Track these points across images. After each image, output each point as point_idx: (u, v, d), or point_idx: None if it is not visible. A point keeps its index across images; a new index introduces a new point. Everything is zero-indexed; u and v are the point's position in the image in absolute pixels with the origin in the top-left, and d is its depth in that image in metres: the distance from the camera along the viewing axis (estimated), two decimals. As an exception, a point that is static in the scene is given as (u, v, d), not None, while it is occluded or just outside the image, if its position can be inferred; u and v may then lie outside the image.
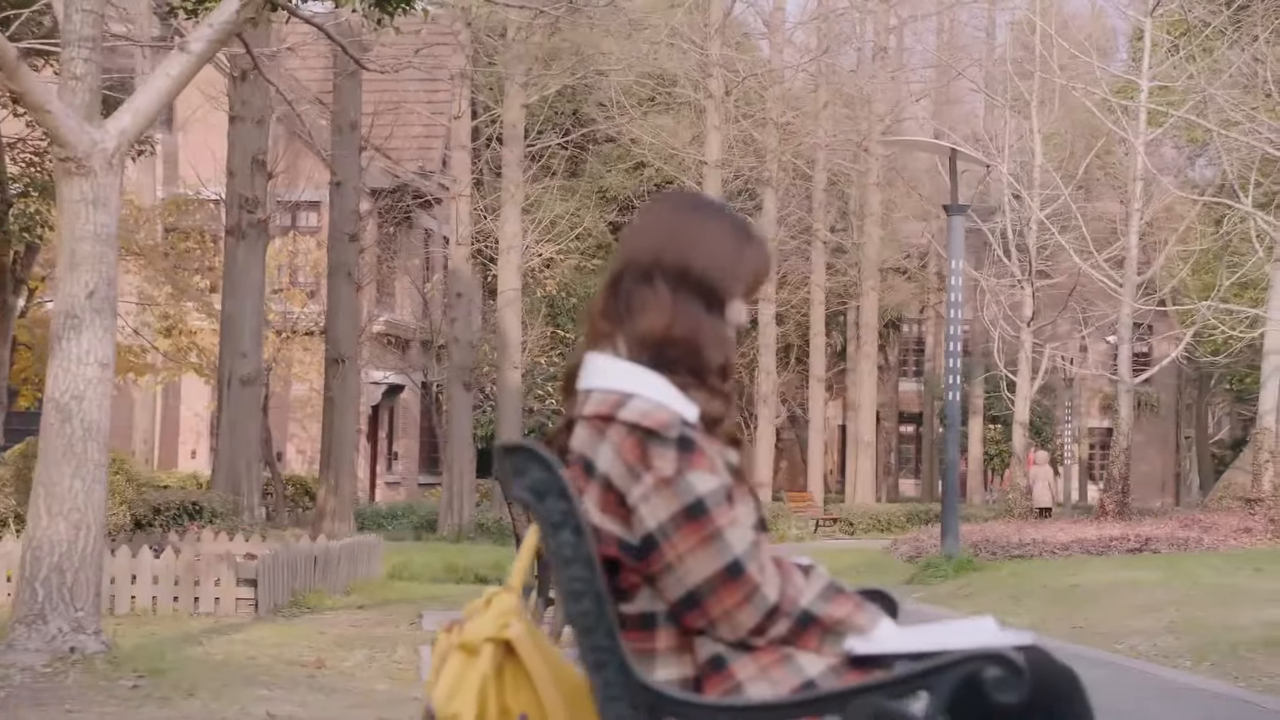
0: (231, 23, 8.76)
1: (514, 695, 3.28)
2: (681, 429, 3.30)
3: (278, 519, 29.05)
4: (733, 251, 3.54)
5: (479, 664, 3.33)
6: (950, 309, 19.59)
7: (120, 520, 14.97)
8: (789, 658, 3.30)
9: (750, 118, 45.32)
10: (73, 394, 8.50)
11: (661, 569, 3.27)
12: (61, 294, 8.53)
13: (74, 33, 8.55)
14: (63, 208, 8.52)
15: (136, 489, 15.07)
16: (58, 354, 8.51)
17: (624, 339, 3.43)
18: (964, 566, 19.28)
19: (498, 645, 3.26)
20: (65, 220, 8.53)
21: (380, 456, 43.72)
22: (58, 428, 8.50)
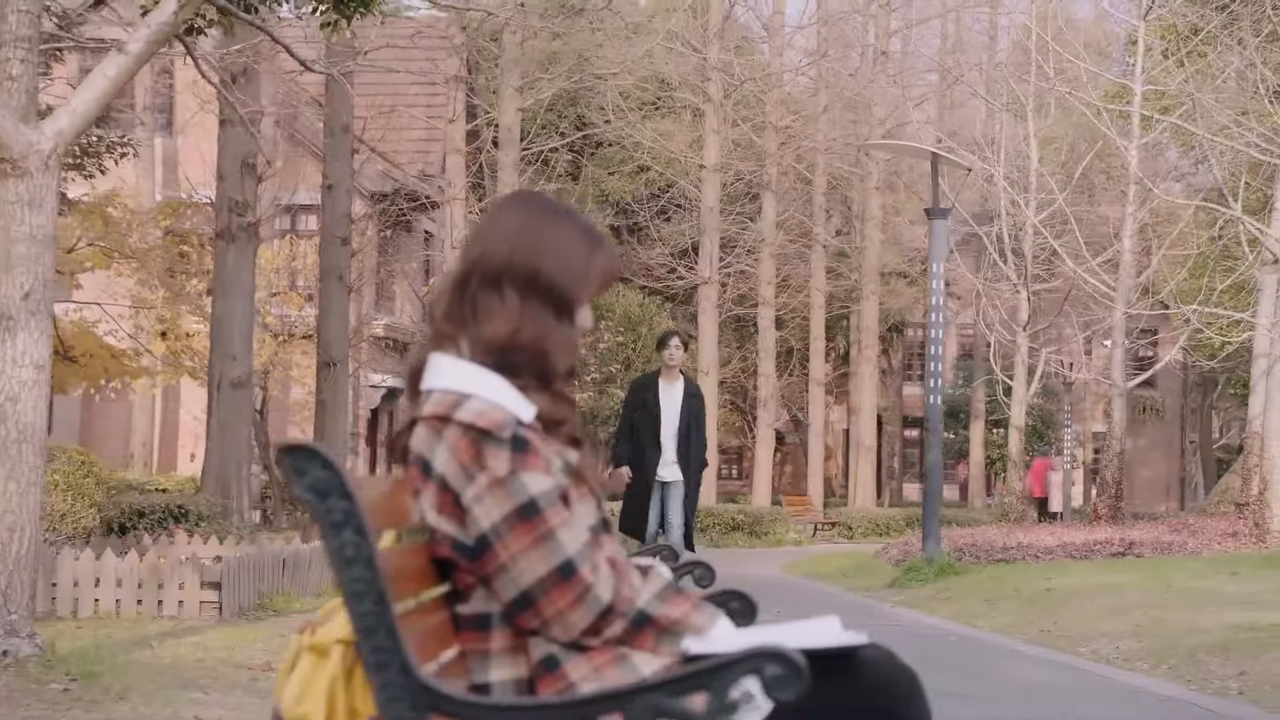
0: (169, 24, 8.74)
1: (363, 698, 3.28)
2: (516, 429, 3.29)
3: (276, 522, 29.02)
4: (582, 258, 3.53)
5: (328, 666, 3.33)
6: (932, 313, 19.54)
7: (89, 523, 14.95)
8: (624, 658, 3.29)
9: (750, 121, 45.27)
10: (7, 396, 8.48)
11: (495, 569, 3.26)
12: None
13: (9, 33, 8.54)
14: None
15: (106, 491, 15.02)
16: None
17: (468, 341, 3.42)
18: (945, 570, 19.25)
19: (348, 647, 3.26)
20: (1, 222, 8.50)
21: (380, 459, 43.71)
22: (-9, 431, 8.47)
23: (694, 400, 15.58)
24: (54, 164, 8.55)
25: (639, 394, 15.63)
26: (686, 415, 15.42)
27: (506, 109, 33.13)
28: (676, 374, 15.61)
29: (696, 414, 15.55)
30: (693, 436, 15.47)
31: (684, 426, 15.37)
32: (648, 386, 15.64)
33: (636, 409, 15.52)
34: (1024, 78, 36.06)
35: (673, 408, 15.40)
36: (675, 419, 15.38)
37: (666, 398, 15.43)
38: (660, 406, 15.38)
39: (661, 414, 15.35)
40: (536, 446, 3.31)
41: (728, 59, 42.96)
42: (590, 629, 3.28)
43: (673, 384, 15.51)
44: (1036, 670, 11.00)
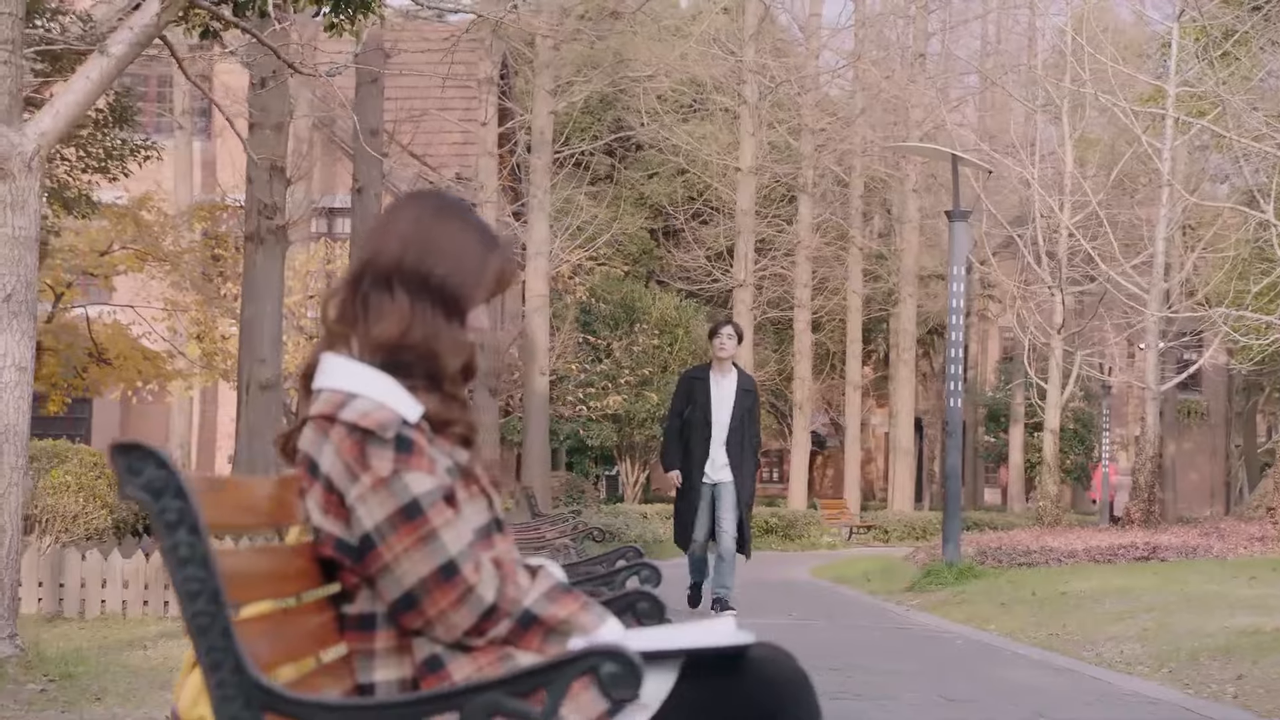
0: (152, 26, 8.78)
1: None
2: (400, 429, 3.28)
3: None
4: (476, 259, 3.53)
5: None
6: (952, 315, 19.49)
7: (101, 524, 15.02)
8: (508, 658, 3.30)
9: (786, 124, 45.20)
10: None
11: (379, 570, 3.27)
12: (-22, 298, 8.55)
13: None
14: (-20, 211, 8.53)
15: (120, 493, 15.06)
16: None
17: (358, 341, 3.42)
18: (965, 574, 19.18)
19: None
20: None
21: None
22: (-28, 431, 8.51)
23: (747, 395, 14.70)
24: (36, 166, 8.60)
25: (688, 388, 14.75)
26: (739, 411, 14.55)
27: (539, 111, 33.16)
28: (729, 366, 14.71)
29: (750, 410, 14.70)
30: (745, 434, 14.57)
31: (736, 423, 14.51)
32: (697, 380, 14.77)
33: (685, 405, 14.68)
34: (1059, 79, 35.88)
35: (724, 403, 14.53)
36: (727, 415, 14.51)
37: (718, 392, 14.56)
38: (711, 402, 14.52)
39: (712, 410, 14.50)
40: (421, 446, 3.30)
41: (764, 61, 42.90)
42: (474, 629, 3.29)
43: (724, 377, 14.65)
44: (1031, 673, 10.94)
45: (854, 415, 48.45)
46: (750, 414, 14.66)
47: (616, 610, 4.19)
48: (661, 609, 4.12)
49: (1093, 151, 42.05)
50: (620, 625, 3.51)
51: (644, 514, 35.06)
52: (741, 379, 14.75)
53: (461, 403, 3.53)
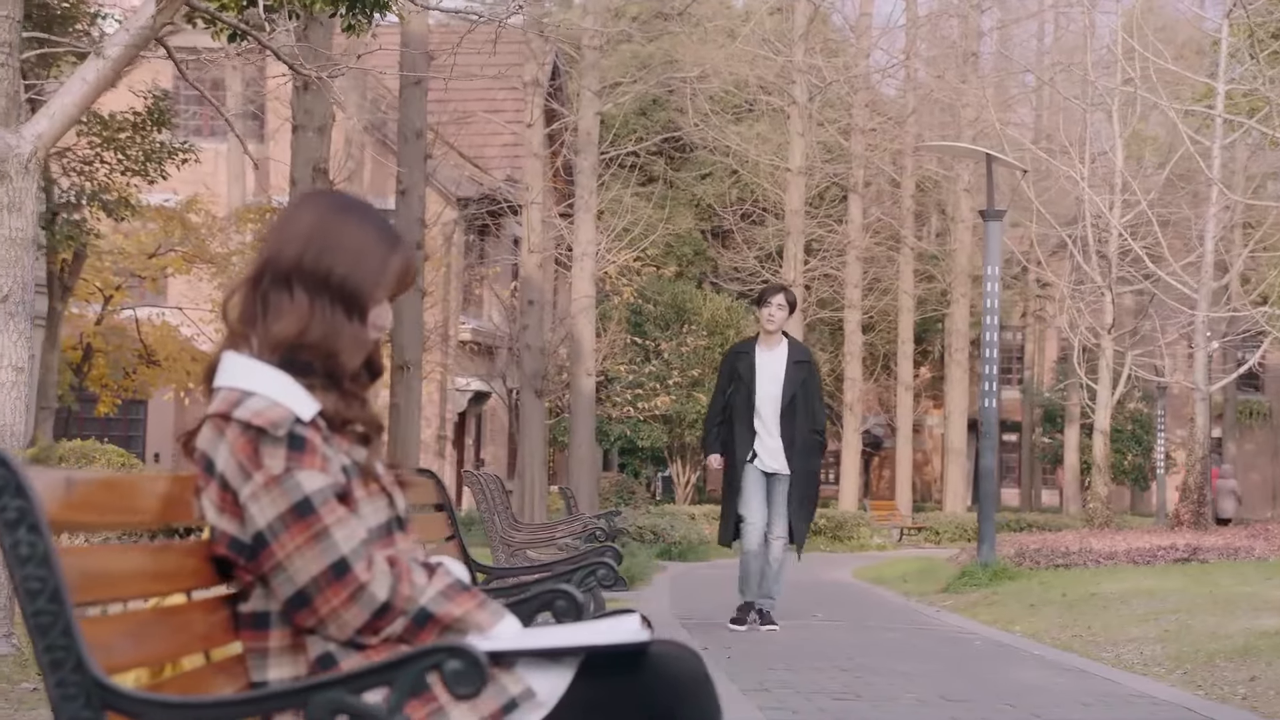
0: (148, 28, 8.84)
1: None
2: (293, 427, 3.31)
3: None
4: (377, 258, 3.53)
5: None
6: (987, 315, 19.39)
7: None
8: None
9: (836, 124, 45.10)
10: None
11: (272, 568, 3.29)
12: (-24, 298, 8.62)
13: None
14: (-22, 212, 8.60)
15: (148, 493, 15.19)
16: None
17: (257, 340, 3.44)
18: (999, 575, 19.11)
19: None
20: (-20, 225, 8.61)
21: (467, 462, 43.89)
22: (-31, 431, 8.58)
23: (801, 368, 12.98)
24: (34, 167, 8.66)
25: (731, 365, 13.14)
26: (791, 388, 12.83)
27: (585, 113, 33.18)
28: (778, 338, 13.07)
29: (806, 385, 12.93)
30: (799, 414, 12.83)
31: (788, 402, 12.80)
32: (741, 355, 13.13)
33: (730, 383, 13.08)
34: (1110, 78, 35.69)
35: (773, 379, 12.86)
36: (777, 392, 12.82)
37: (765, 367, 12.92)
38: (756, 378, 12.89)
39: (758, 387, 12.87)
40: (314, 444, 3.32)
41: (813, 62, 42.83)
42: (367, 627, 3.30)
43: (773, 350, 13.02)
44: (1041, 674, 10.88)
45: (905, 416, 48.33)
46: (806, 389, 12.91)
47: (535, 608, 4.19)
48: (580, 607, 4.12)
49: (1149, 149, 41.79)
50: (517, 622, 3.51)
51: (692, 515, 35.07)
52: (793, 349, 13.08)
53: (361, 401, 3.57)
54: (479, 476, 10.25)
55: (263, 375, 3.37)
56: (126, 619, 3.16)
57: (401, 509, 3.58)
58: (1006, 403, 62.83)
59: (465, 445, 44.00)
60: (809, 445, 12.98)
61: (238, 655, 3.44)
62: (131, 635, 3.09)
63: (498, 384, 40.32)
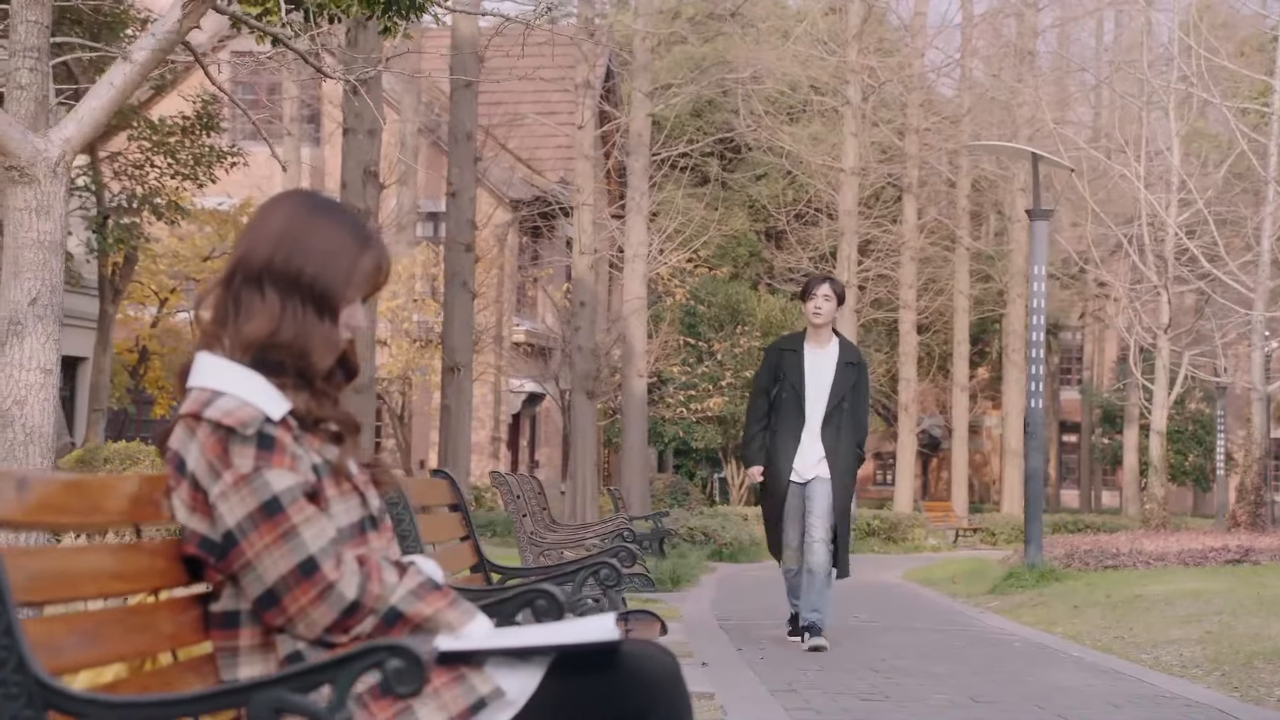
0: (174, 32, 8.91)
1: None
2: (262, 426, 3.33)
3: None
4: (348, 257, 3.56)
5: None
6: (1032, 315, 19.29)
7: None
8: None
9: (890, 124, 44.99)
10: (14, 399, 8.67)
11: (241, 567, 3.32)
12: (5, 300, 8.71)
13: (19, 43, 8.75)
14: (7, 215, 8.70)
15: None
16: (0, 359, 8.68)
17: (229, 340, 3.46)
18: (1046, 576, 19.01)
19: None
20: (10, 228, 8.71)
21: (521, 464, 43.98)
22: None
23: (851, 370, 11.81)
24: (62, 171, 8.73)
25: (774, 362, 11.93)
26: (840, 391, 11.71)
27: (636, 114, 33.25)
28: (828, 334, 11.84)
29: (856, 389, 11.83)
30: (844, 420, 11.74)
31: (834, 405, 11.69)
32: (787, 352, 11.89)
33: (773, 382, 11.89)
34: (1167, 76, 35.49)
35: (821, 380, 11.71)
36: (824, 395, 11.69)
37: (813, 367, 11.74)
38: (805, 379, 11.71)
39: (806, 389, 11.71)
40: (283, 444, 3.35)
41: (867, 62, 42.77)
42: (335, 625, 3.33)
43: (822, 348, 11.79)
44: (1075, 676, 10.82)
45: (961, 417, 48.17)
46: (855, 394, 11.81)
47: (516, 607, 4.20)
48: (560, 606, 4.13)
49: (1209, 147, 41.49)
50: (488, 621, 3.53)
51: (744, 516, 35.04)
52: (844, 349, 11.87)
53: (333, 400, 3.59)
54: (506, 477, 10.28)
55: (234, 375, 3.39)
56: (78, 619, 3.15)
57: (375, 508, 3.61)
58: (1066, 403, 62.55)
59: (520, 447, 44.09)
60: (850, 461, 11.83)
61: (209, 654, 3.46)
62: (84, 635, 3.09)
63: (551, 385, 40.38)
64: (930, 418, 62.62)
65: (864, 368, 11.94)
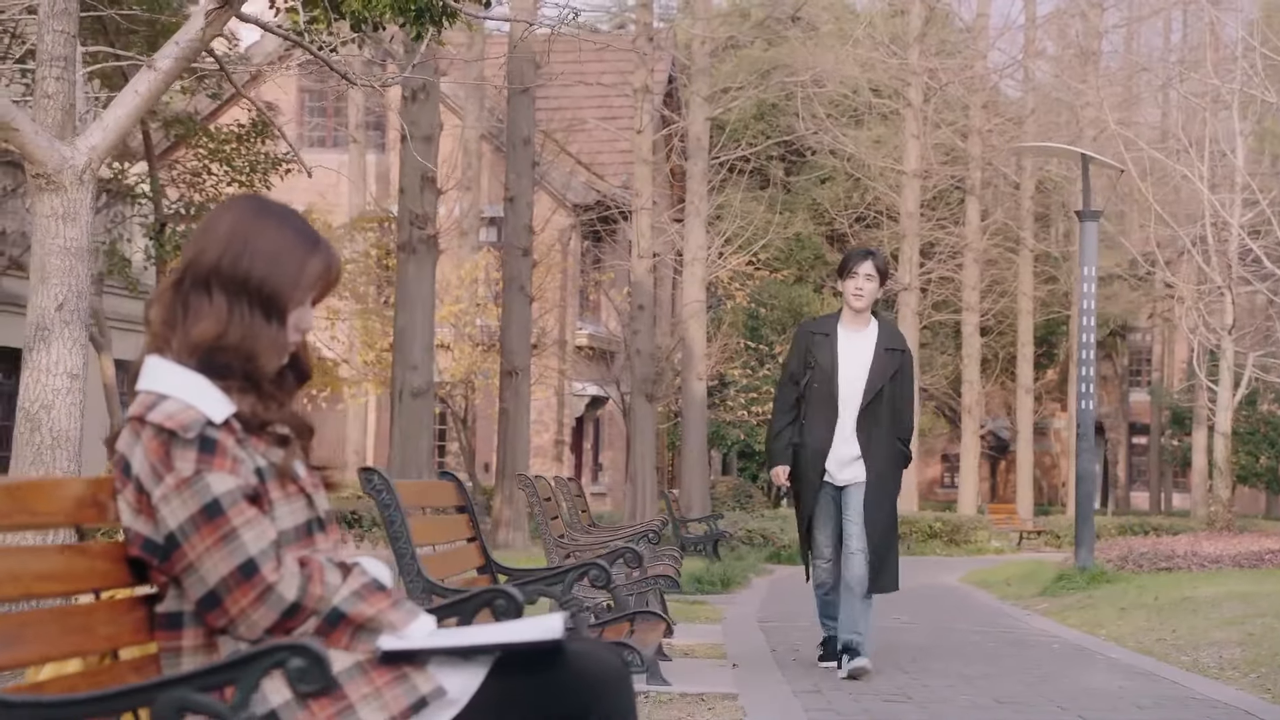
0: (197, 40, 9.01)
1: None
2: (204, 429, 3.36)
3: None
4: (295, 261, 3.58)
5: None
6: (1083, 316, 19.21)
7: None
8: None
9: (952, 125, 44.83)
10: (42, 404, 8.79)
11: (184, 569, 3.35)
12: (32, 306, 8.83)
13: (46, 52, 8.87)
14: (35, 222, 8.82)
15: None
16: (28, 365, 8.82)
17: (177, 343, 3.49)
18: (1097, 578, 18.97)
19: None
20: (37, 234, 8.84)
21: (585, 467, 44.07)
22: (27, 437, 8.80)
23: (894, 357, 10.31)
24: (88, 178, 8.85)
25: (804, 347, 10.40)
26: (878, 380, 10.22)
27: (695, 118, 33.34)
28: (867, 318, 10.30)
29: (898, 379, 10.35)
30: (884, 416, 10.27)
31: (872, 396, 10.20)
32: (818, 336, 10.35)
33: (803, 370, 10.38)
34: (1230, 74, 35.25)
35: (857, 368, 10.21)
36: (861, 385, 10.20)
37: (849, 353, 10.22)
38: (839, 367, 10.21)
39: (839, 378, 10.21)
40: (225, 447, 3.38)
41: (928, 64, 42.65)
42: (276, 627, 3.36)
43: (859, 332, 10.27)
44: (1109, 677, 10.78)
45: (1026, 419, 47.94)
46: (897, 384, 10.34)
47: (475, 608, 4.23)
48: (519, 607, 4.16)
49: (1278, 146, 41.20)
50: (432, 621, 3.56)
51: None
52: (884, 333, 10.35)
53: (280, 402, 3.59)
54: (530, 479, 10.34)
55: (179, 378, 3.43)
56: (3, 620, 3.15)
57: (322, 510, 3.63)
58: (1135, 405, 62.15)
59: (584, 450, 44.18)
60: (892, 459, 10.32)
61: (153, 654, 3.49)
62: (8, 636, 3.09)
63: (614, 389, 40.49)
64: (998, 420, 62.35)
65: (907, 354, 10.45)
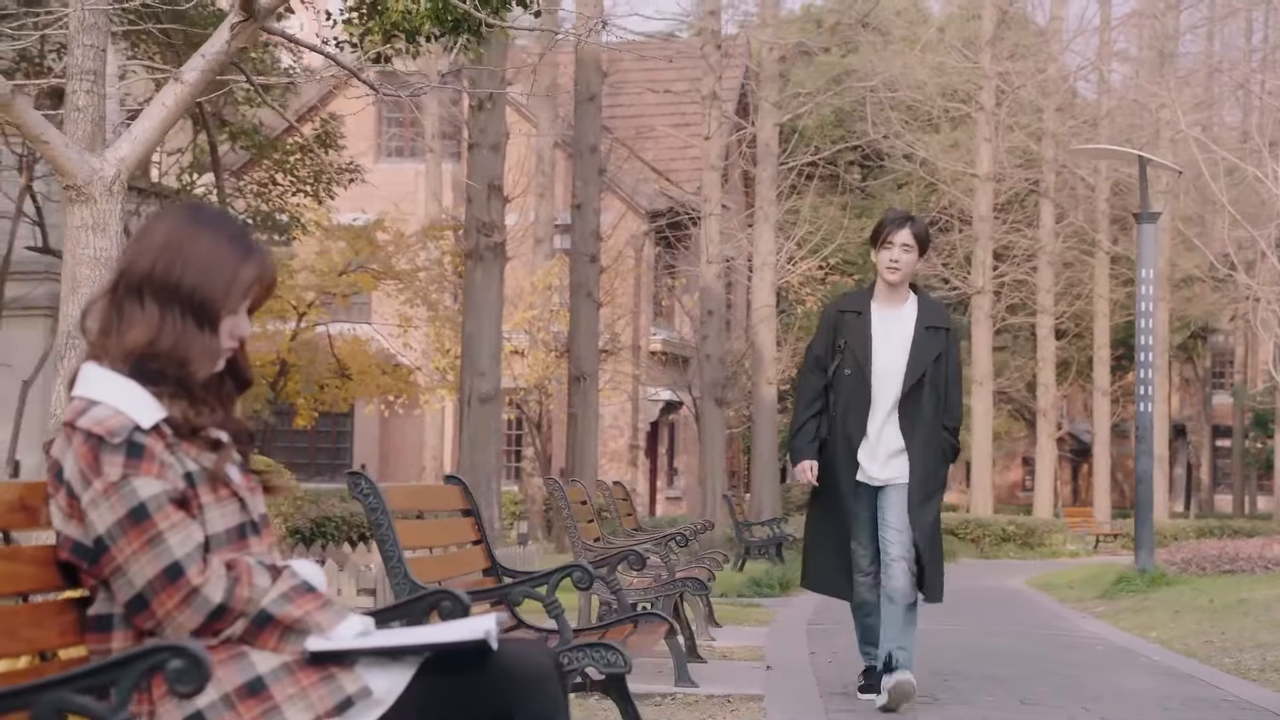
0: (224, 52, 9.17)
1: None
2: (132, 435, 3.44)
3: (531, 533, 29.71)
4: (228, 268, 3.64)
5: None
6: (1142, 319, 19.16)
7: (276, 532, 15.60)
8: (241, 655, 3.44)
9: (1026, 128, 44.64)
10: (72, 410, 8.95)
11: (112, 572, 3.44)
12: (63, 315, 9.01)
13: (77, 66, 9.06)
14: (66, 233, 9.00)
15: (294, 503, 15.68)
16: (58, 373, 8.98)
17: (112, 349, 3.57)
18: (1156, 581, 18.93)
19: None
20: (68, 245, 9.02)
21: (660, 471, 44.17)
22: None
23: (936, 336, 8.96)
24: (118, 190, 9.03)
25: (832, 327, 9.06)
26: (920, 363, 8.88)
27: (763, 124, 33.41)
28: (904, 293, 9.04)
29: (943, 361, 8.95)
30: (926, 402, 8.90)
31: (913, 382, 8.87)
32: (848, 315, 9.03)
33: (831, 355, 9.01)
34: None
35: (894, 350, 8.91)
36: (899, 370, 8.89)
37: (884, 334, 8.93)
38: (872, 348, 8.90)
39: (873, 361, 8.89)
40: (152, 452, 3.46)
41: (1000, 68, 42.52)
42: (204, 629, 3.44)
43: (895, 309, 9.00)
44: (1142, 679, 10.79)
45: (1103, 422, 47.64)
46: (942, 368, 8.96)
47: (424, 609, 4.27)
48: (466, 607, 4.19)
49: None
50: (360, 622, 3.62)
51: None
52: (925, 309, 9.06)
53: (211, 408, 3.66)
54: (559, 483, 10.45)
55: (111, 385, 3.50)
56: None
57: (257, 514, 3.71)
58: (1219, 407, 61.62)
59: (658, 454, 44.28)
60: (938, 453, 8.98)
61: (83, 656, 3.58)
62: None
63: (687, 394, 40.57)
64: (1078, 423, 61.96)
65: (952, 332, 9.09)
